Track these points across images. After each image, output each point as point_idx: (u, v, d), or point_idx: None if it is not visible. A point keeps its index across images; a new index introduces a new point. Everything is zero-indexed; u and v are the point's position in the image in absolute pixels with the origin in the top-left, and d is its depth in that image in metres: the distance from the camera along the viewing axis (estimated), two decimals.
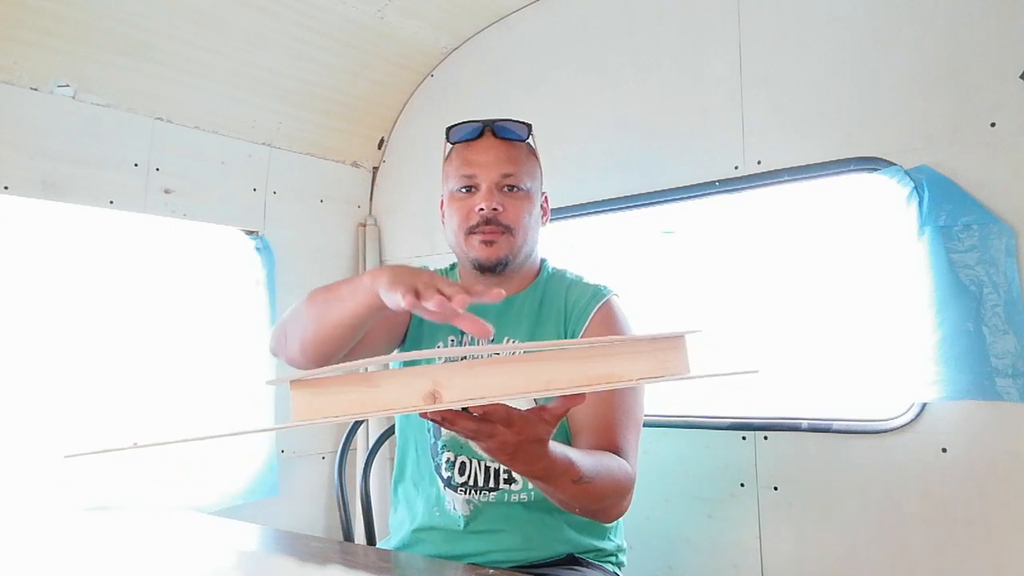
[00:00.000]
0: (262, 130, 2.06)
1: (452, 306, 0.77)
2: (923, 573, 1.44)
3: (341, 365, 0.72)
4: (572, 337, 1.21)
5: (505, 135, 1.23)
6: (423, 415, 0.74)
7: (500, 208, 1.18)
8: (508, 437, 0.80)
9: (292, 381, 0.71)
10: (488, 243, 1.18)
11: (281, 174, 2.13)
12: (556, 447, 0.89)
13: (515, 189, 1.20)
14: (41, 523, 1.22)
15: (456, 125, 1.24)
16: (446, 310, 0.78)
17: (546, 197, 1.31)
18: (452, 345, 1.25)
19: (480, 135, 1.22)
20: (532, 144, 1.28)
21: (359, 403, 0.72)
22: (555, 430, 0.85)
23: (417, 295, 0.81)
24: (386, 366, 0.76)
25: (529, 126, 1.25)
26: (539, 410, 0.80)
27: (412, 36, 2.08)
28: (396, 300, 0.83)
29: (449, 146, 1.27)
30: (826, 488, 1.55)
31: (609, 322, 1.22)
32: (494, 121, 1.22)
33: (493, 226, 1.18)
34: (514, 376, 0.71)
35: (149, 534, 1.19)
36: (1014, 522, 1.35)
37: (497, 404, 0.77)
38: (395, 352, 1.32)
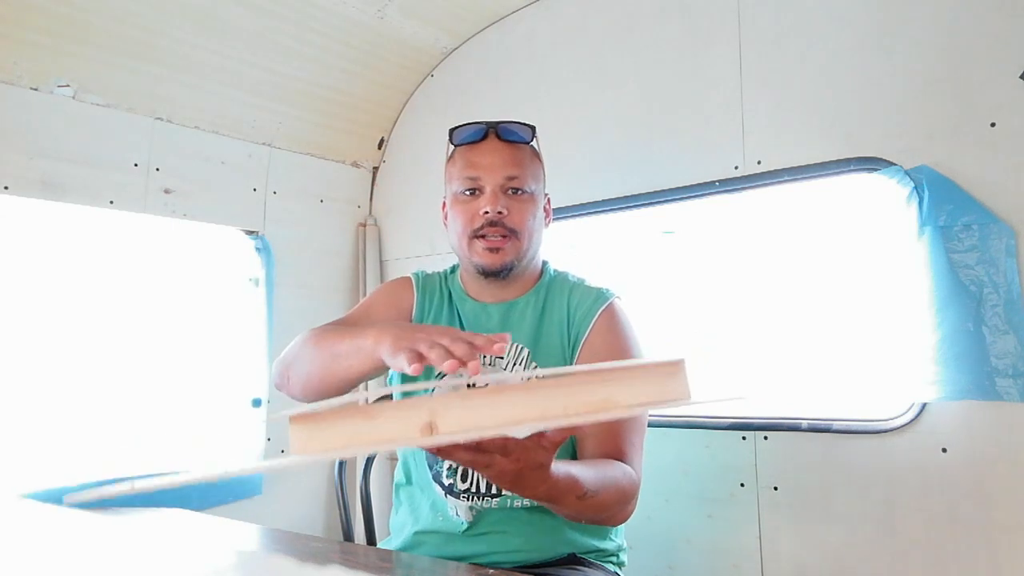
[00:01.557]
0: (262, 130, 2.06)
1: (468, 360, 0.77)
2: (923, 573, 1.44)
3: (339, 399, 0.73)
4: (575, 341, 1.21)
5: (509, 137, 1.21)
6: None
7: (505, 211, 1.17)
8: (507, 466, 0.79)
9: (291, 417, 0.72)
10: (493, 250, 1.17)
11: (281, 174, 2.13)
12: (559, 466, 0.88)
13: (519, 192, 1.20)
14: (40, 522, 1.22)
15: (459, 127, 1.22)
16: (455, 363, 0.77)
17: (548, 199, 1.31)
18: None
19: (484, 137, 1.21)
20: (536, 146, 1.27)
21: (356, 436, 0.73)
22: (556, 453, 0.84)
23: (421, 357, 0.80)
24: (386, 397, 0.77)
25: (533, 128, 1.23)
26: (538, 437, 0.79)
27: (412, 36, 2.08)
28: (402, 367, 0.81)
29: (451, 147, 1.26)
30: (826, 488, 1.55)
31: (612, 325, 1.21)
32: (498, 123, 1.21)
33: (498, 228, 1.17)
34: (510, 406, 0.72)
35: (148, 533, 1.19)
36: (1014, 522, 1.35)
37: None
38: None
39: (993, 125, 1.39)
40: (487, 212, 1.17)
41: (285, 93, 2.03)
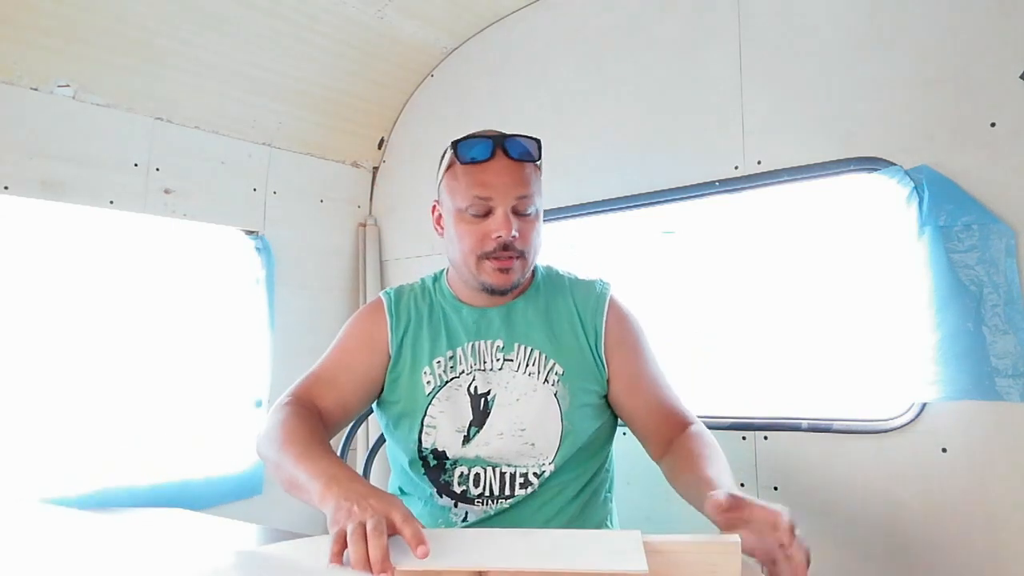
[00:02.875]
0: (262, 130, 2.06)
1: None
2: (923, 573, 1.44)
3: None
4: (596, 338, 1.23)
5: (519, 156, 1.17)
6: None
7: (517, 235, 1.15)
8: None
9: None
10: (504, 270, 1.16)
11: (281, 174, 2.13)
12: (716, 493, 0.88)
13: (528, 213, 1.17)
14: (40, 523, 1.22)
15: (465, 140, 1.17)
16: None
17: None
18: (439, 368, 1.22)
19: (492, 155, 1.16)
20: (539, 161, 1.23)
21: None
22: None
23: (345, 545, 0.81)
24: None
25: (539, 142, 1.20)
26: None
27: (412, 36, 2.08)
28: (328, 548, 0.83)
29: (450, 157, 1.20)
30: (826, 488, 1.55)
31: (621, 317, 1.26)
32: (506, 138, 1.16)
33: (509, 252, 1.16)
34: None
35: (148, 533, 1.19)
36: (1014, 522, 1.35)
37: None
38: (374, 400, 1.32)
39: (993, 125, 1.39)
40: (500, 236, 1.14)
41: (285, 93, 2.03)
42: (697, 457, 1.06)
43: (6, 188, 1.57)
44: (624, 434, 1.77)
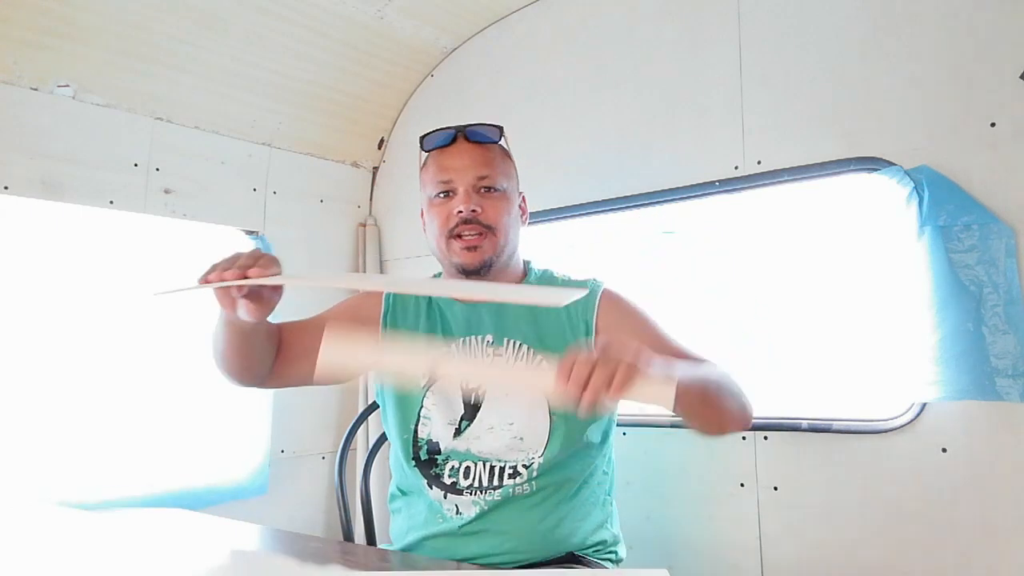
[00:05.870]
0: (262, 130, 2.06)
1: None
2: (923, 573, 1.44)
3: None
4: (588, 328, 1.22)
5: (477, 139, 1.24)
6: None
7: (479, 209, 1.19)
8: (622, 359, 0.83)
9: (325, 334, 0.87)
10: (471, 248, 1.20)
11: (281, 174, 2.13)
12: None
13: (491, 190, 1.22)
14: (40, 523, 1.22)
15: (429, 133, 1.26)
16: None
17: (524, 197, 1.33)
18: None
19: (453, 141, 1.24)
20: (505, 145, 1.29)
21: (373, 361, 0.93)
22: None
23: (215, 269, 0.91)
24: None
25: (500, 128, 1.26)
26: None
27: (412, 36, 2.08)
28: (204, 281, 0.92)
29: (424, 155, 1.29)
30: (826, 488, 1.55)
31: (614, 303, 1.25)
32: (466, 126, 1.24)
33: (473, 226, 1.19)
34: (499, 369, 0.90)
35: (148, 534, 1.19)
36: (1014, 522, 1.35)
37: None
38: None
39: (993, 125, 1.39)
40: (461, 211, 1.19)
41: (285, 93, 2.03)
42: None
43: (6, 188, 1.57)
44: (624, 434, 1.78)
